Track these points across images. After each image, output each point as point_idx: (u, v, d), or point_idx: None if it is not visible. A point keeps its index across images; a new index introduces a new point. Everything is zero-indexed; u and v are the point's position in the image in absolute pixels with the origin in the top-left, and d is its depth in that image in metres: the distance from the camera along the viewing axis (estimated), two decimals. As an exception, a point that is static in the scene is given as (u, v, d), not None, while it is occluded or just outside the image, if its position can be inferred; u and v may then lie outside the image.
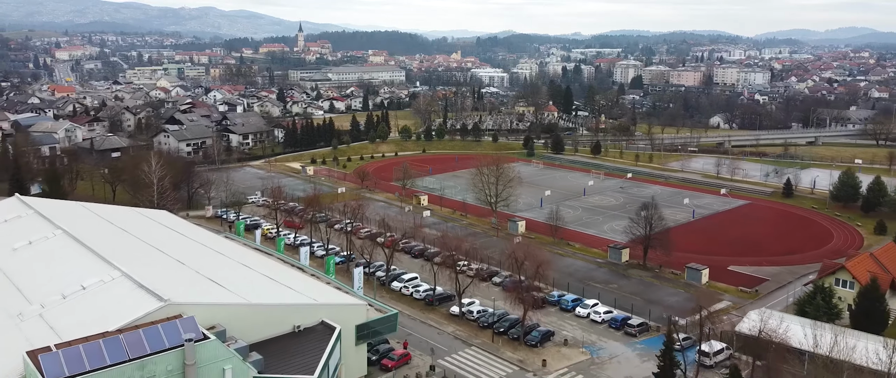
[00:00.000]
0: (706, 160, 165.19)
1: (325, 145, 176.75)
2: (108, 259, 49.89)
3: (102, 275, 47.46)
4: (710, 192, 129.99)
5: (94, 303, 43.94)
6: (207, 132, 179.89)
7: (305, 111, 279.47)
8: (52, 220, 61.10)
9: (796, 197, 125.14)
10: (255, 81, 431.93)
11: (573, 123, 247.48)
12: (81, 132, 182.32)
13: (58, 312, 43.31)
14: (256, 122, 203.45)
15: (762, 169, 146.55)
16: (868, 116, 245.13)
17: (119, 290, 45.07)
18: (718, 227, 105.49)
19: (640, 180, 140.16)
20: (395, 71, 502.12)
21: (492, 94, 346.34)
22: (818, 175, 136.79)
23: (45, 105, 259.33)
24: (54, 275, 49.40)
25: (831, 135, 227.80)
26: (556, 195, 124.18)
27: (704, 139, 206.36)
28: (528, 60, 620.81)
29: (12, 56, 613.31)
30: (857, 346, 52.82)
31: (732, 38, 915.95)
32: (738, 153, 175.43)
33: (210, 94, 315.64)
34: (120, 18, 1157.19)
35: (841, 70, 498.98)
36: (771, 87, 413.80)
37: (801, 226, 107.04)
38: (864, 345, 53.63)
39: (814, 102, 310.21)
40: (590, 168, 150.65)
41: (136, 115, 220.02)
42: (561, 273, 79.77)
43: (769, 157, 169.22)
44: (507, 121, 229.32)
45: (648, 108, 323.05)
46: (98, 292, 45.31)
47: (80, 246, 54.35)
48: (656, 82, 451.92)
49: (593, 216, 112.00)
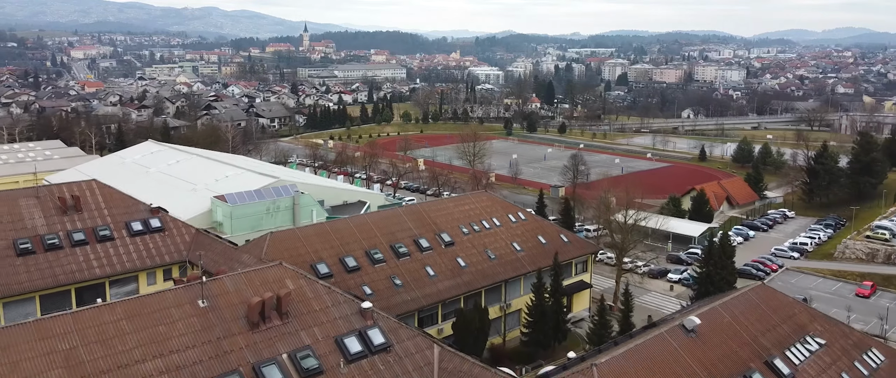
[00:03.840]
0: (648, 138, 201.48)
1: (340, 127, 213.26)
2: (233, 164, 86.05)
3: (233, 171, 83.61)
4: (642, 158, 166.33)
5: (236, 182, 79.79)
6: (242, 115, 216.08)
7: (317, 103, 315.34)
8: (182, 150, 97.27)
9: (709, 161, 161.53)
10: (266, 78, 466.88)
11: (552, 113, 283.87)
12: (135, 115, 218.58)
13: (217, 187, 79.06)
14: (279, 109, 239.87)
15: (690, 143, 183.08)
16: (813, 107, 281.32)
17: (247, 176, 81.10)
18: (637, 178, 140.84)
19: (590, 151, 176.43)
20: (396, 69, 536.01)
21: (487, 90, 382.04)
22: (731, 146, 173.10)
23: (89, 96, 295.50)
24: (204, 173, 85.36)
25: (772, 121, 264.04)
26: (523, 159, 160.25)
27: (661, 124, 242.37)
28: (525, 60, 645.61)
29: (30, 55, 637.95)
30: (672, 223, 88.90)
31: (724, 38, 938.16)
32: (684, 134, 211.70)
33: (229, 89, 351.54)
34: (124, 18, 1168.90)
35: (815, 68, 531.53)
36: (745, 84, 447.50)
37: (698, 176, 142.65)
38: (677, 224, 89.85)
39: (778, 97, 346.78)
40: (553, 143, 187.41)
41: (174, 103, 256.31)
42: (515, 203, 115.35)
43: (708, 136, 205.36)
44: (495, 110, 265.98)
45: (629, 102, 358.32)
46: (235, 177, 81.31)
47: (211, 160, 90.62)
48: (640, 79, 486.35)
49: (547, 173, 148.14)
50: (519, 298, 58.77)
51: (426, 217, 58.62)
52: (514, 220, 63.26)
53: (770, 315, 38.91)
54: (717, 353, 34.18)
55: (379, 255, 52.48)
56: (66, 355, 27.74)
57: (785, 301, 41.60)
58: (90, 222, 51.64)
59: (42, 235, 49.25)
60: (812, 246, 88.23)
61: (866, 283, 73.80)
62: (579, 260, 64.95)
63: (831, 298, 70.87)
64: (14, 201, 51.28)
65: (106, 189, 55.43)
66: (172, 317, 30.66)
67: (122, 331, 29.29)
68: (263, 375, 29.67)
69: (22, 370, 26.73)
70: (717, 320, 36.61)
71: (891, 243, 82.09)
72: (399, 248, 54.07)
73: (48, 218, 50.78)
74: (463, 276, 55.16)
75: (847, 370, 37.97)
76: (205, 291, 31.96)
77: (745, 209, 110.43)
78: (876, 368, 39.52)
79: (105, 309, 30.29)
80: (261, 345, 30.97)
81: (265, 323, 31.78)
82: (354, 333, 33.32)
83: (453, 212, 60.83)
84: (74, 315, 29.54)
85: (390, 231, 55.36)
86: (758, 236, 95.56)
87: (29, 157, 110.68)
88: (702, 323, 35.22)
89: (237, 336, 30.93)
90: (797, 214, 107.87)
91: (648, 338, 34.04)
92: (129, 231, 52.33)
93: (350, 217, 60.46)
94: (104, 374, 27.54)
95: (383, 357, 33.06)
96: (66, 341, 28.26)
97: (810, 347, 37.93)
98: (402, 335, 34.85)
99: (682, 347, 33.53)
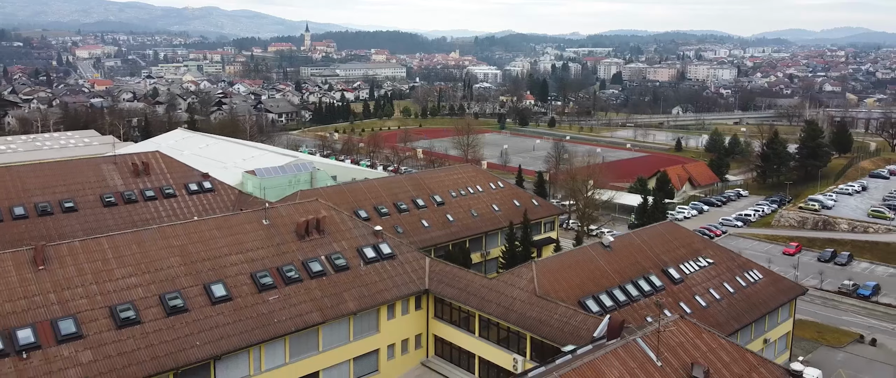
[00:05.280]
0: (630, 131, 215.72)
1: (344, 121, 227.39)
2: (257, 146, 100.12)
3: (258, 152, 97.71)
4: (623, 149, 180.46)
5: (261, 160, 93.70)
6: (247, 112, 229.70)
7: (320, 100, 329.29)
8: (210, 137, 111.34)
9: (684, 151, 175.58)
10: (269, 77, 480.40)
11: (545, 109, 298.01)
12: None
13: (245, 165, 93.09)
14: (286, 105, 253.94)
15: (668, 136, 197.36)
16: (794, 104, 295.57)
17: (270, 156, 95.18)
18: (617, 165, 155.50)
19: (575, 142, 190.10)
20: (396, 68, 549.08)
21: (484, 88, 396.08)
22: (704, 137, 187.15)
23: (103, 93, 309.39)
24: (233, 153, 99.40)
25: (753, 116, 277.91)
26: (513, 150, 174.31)
27: (646, 119, 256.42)
28: (523, 59, 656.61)
29: (36, 54, 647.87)
30: (619, 196, 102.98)
31: (721, 38, 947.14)
32: (668, 128, 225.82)
33: (235, 87, 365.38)
34: (125, 18, 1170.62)
35: (805, 67, 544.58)
36: (735, 83, 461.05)
37: (670, 163, 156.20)
38: (623, 196, 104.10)
39: (764, 94, 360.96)
40: (542, 135, 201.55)
41: (185, 100, 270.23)
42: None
43: (690, 130, 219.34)
44: (491, 107, 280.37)
45: (622, 100, 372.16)
46: (260, 157, 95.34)
47: (237, 144, 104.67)
48: (634, 78, 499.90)
49: (535, 161, 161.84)
50: (496, 248, 72.75)
51: (422, 183, 72.69)
52: (494, 187, 77.34)
53: (672, 241, 53.04)
54: (625, 261, 48.25)
55: (384, 210, 66.47)
56: (180, 249, 41.87)
57: (686, 233, 55.80)
58: (157, 183, 65.68)
59: (122, 192, 63.31)
60: (755, 217, 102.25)
61: (792, 244, 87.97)
62: (548, 220, 78.96)
63: (761, 256, 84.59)
64: (98, 167, 65.38)
65: (166, 158, 69.54)
66: (246, 229, 44.82)
67: (214, 236, 43.45)
68: (309, 267, 43.82)
69: (152, 256, 40.84)
70: (628, 241, 50.79)
71: (819, 213, 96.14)
72: (400, 205, 68.08)
73: (125, 179, 64.83)
74: (451, 228, 69.17)
75: (728, 282, 52.07)
76: (267, 215, 46.11)
77: (706, 189, 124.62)
78: (754, 282, 53.62)
79: (202, 223, 44.49)
80: (306, 249, 45.13)
81: (309, 236, 45.92)
82: (370, 245, 47.51)
83: (444, 180, 74.89)
84: (184, 225, 43.74)
85: (393, 192, 69.38)
86: (712, 211, 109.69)
87: (71, 144, 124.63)
88: (616, 241, 49.41)
89: (290, 243, 45.10)
90: (751, 194, 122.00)
91: (575, 249, 48.18)
92: (187, 190, 66.34)
93: (361, 181, 74.61)
94: (205, 261, 41.66)
95: (390, 262, 47.23)
96: (179, 240, 42.39)
97: (700, 264, 52.03)
98: (404, 250, 49.03)
99: (599, 256, 47.66)
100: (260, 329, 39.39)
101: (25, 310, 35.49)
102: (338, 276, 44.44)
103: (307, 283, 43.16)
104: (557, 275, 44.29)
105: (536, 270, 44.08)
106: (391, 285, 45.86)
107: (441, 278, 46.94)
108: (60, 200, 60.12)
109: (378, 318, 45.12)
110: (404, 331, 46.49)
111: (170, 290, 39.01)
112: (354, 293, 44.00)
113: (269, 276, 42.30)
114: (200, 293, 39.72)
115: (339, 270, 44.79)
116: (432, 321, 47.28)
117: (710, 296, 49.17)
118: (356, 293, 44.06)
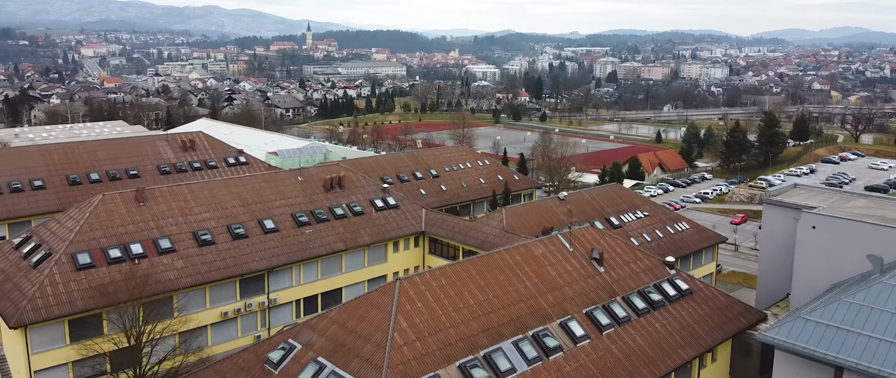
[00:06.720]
0: (616, 125, 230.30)
1: (347, 115, 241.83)
2: (274, 133, 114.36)
3: (277, 137, 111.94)
4: (606, 140, 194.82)
5: (280, 144, 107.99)
6: (261, 105, 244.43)
7: (324, 97, 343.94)
8: (232, 125, 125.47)
9: (664, 142, 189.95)
10: (272, 75, 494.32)
11: (539, 106, 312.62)
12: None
13: (267, 148, 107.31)
14: (292, 101, 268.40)
15: (651, 129, 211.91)
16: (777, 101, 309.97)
17: (287, 140, 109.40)
18: (600, 154, 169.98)
19: (564, 135, 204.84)
20: (397, 67, 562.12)
21: (482, 86, 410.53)
22: (682, 130, 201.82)
23: (115, 90, 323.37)
24: (255, 139, 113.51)
25: (737, 112, 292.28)
26: (506, 141, 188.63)
27: (635, 115, 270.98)
28: (521, 58, 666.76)
29: (41, 53, 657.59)
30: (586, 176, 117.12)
31: (719, 37, 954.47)
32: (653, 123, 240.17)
33: (240, 84, 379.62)
34: (126, 17, 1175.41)
35: (797, 66, 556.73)
36: (727, 81, 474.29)
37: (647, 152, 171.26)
38: (588, 176, 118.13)
39: (750, 92, 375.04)
40: (534, 129, 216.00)
41: (196, 96, 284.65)
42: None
43: (673, 125, 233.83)
44: (488, 103, 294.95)
45: (616, 97, 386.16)
46: (279, 141, 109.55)
47: (258, 131, 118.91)
48: (629, 77, 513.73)
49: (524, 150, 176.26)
50: (481, 214, 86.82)
51: (420, 159, 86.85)
52: (481, 164, 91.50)
53: (616, 199, 67.27)
54: (575, 210, 62.41)
55: (389, 180, 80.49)
56: (239, 195, 56.07)
57: (630, 194, 70.12)
58: (202, 156, 79.84)
59: (174, 163, 77.47)
60: (712, 195, 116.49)
61: (738, 215, 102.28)
62: (527, 192, 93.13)
63: (711, 225, 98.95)
64: (153, 143, 79.58)
65: (208, 137, 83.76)
66: (286, 183, 59.07)
67: (263, 187, 57.72)
68: (334, 211, 58.10)
69: (219, 199, 55.00)
70: (580, 197, 65.10)
71: (766, 190, 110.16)
72: (402, 177, 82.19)
73: (176, 153, 78.99)
74: (444, 196, 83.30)
75: (660, 229, 66.26)
76: (300, 173, 60.41)
77: (676, 174, 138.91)
78: (681, 231, 67.80)
79: (253, 178, 58.76)
80: (331, 199, 59.37)
81: (332, 189, 60.14)
82: (379, 198, 61.75)
83: (439, 157, 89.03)
84: (241, 178, 58.07)
85: (396, 167, 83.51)
86: (676, 191, 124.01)
87: (104, 132, 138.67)
88: (569, 196, 63.66)
89: (319, 194, 59.33)
90: (715, 177, 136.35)
91: (537, 200, 62.39)
92: (226, 163, 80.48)
93: (369, 156, 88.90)
94: (257, 203, 55.88)
95: (395, 211, 61.47)
96: (237, 189, 56.63)
97: (637, 215, 66.21)
98: (406, 202, 63.29)
99: (555, 206, 61.91)
100: (299, 252, 53.63)
101: (134, 232, 49.64)
102: (356, 219, 58.64)
103: (332, 222, 57.37)
104: (521, 218, 58.51)
105: (505, 214, 58.30)
106: (396, 227, 60.09)
107: (434, 222, 61.18)
108: (126, 169, 74.31)
109: (386, 250, 59.33)
110: (406, 262, 60.71)
111: (234, 222, 53.24)
112: (368, 231, 58.22)
113: (305, 216, 56.51)
114: (256, 225, 53.93)
115: (357, 214, 58.95)
116: (427, 256, 61.50)
117: (643, 238, 63.33)
118: (369, 231, 58.28)
